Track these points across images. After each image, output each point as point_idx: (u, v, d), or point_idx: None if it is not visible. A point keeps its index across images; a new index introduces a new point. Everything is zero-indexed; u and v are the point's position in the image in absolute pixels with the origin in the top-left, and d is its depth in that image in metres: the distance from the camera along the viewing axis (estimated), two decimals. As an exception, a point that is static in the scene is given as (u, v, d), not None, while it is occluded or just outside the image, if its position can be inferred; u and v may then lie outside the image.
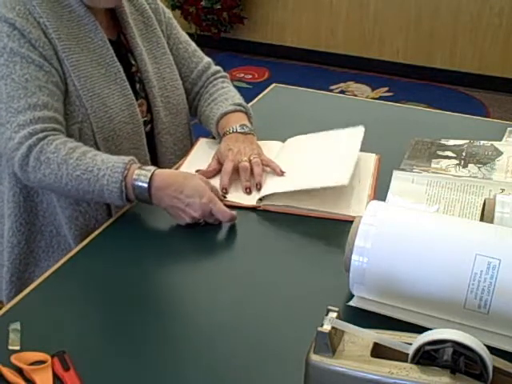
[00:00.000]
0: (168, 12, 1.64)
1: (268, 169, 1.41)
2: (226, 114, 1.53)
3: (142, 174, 1.24)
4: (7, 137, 1.28)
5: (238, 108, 1.55)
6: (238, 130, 1.48)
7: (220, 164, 1.43)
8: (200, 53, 1.67)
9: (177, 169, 1.46)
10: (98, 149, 1.37)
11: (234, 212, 1.26)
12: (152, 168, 1.26)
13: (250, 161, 1.40)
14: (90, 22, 1.40)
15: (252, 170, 1.39)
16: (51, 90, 1.32)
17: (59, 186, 1.27)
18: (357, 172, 1.41)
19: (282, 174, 1.39)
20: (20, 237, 1.42)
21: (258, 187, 1.36)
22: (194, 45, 1.67)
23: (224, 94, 1.62)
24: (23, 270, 1.45)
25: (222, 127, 1.51)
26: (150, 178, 1.24)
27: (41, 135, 1.27)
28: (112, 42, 1.46)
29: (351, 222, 1.06)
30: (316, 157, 1.46)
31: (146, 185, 1.24)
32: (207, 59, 1.68)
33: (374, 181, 1.42)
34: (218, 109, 1.56)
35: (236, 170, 1.39)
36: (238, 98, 1.59)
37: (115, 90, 1.41)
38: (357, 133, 1.51)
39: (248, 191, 1.36)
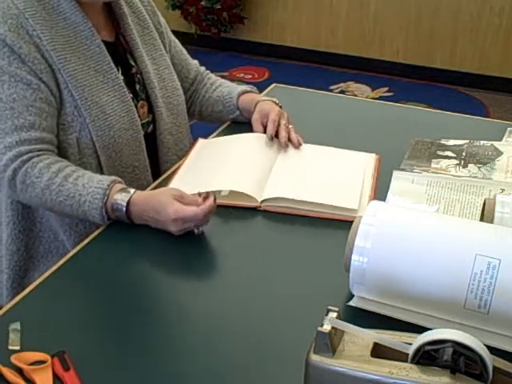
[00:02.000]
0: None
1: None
2: (246, 91, 1.67)
3: (119, 199, 1.24)
4: None
5: (255, 90, 1.71)
6: (273, 100, 1.64)
7: (262, 123, 1.58)
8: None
9: (178, 168, 1.46)
10: (98, 156, 1.38)
11: (207, 203, 1.20)
12: (131, 191, 1.25)
13: (287, 127, 1.55)
14: (87, 28, 1.39)
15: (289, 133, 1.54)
16: (39, 107, 1.31)
17: (46, 208, 1.33)
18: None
19: (298, 146, 1.53)
20: (19, 244, 1.42)
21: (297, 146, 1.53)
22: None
23: (227, 82, 1.76)
24: (23, 276, 1.45)
25: (250, 99, 1.65)
26: (128, 203, 1.23)
27: (25, 157, 1.29)
28: (110, 43, 1.46)
29: (351, 221, 1.06)
30: (324, 171, 1.46)
31: (124, 209, 1.23)
32: (195, 60, 1.78)
33: (374, 181, 1.42)
34: (235, 88, 1.69)
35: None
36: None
37: (114, 96, 1.41)
38: (365, 159, 1.51)
39: (285, 146, 1.52)
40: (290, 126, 1.56)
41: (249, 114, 1.63)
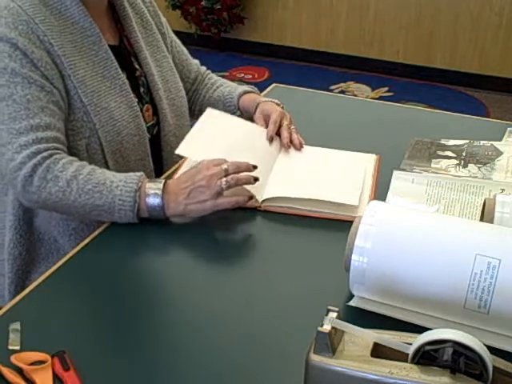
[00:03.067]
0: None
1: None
2: (247, 92, 1.67)
3: (153, 185, 1.25)
4: (8, 158, 1.26)
5: (256, 91, 1.70)
6: (274, 101, 1.62)
7: (265, 120, 1.56)
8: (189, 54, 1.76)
9: (178, 167, 1.46)
10: (106, 162, 1.38)
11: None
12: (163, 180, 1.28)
13: (289, 128, 1.55)
14: (94, 33, 1.38)
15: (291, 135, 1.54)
16: (52, 109, 1.30)
17: (66, 204, 1.26)
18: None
19: (300, 147, 1.53)
20: (21, 248, 1.42)
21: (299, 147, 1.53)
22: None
23: (227, 82, 1.76)
24: (24, 278, 1.45)
25: (251, 99, 1.64)
26: (164, 183, 1.26)
27: (45, 154, 1.26)
28: (115, 47, 1.46)
29: (351, 222, 1.06)
30: (324, 170, 1.46)
31: (159, 191, 1.24)
32: (196, 60, 1.78)
33: (374, 181, 1.42)
34: (236, 88, 1.69)
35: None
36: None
37: (121, 102, 1.41)
38: (367, 159, 1.51)
39: (287, 147, 1.52)
40: (292, 127, 1.56)
41: (249, 115, 1.63)
